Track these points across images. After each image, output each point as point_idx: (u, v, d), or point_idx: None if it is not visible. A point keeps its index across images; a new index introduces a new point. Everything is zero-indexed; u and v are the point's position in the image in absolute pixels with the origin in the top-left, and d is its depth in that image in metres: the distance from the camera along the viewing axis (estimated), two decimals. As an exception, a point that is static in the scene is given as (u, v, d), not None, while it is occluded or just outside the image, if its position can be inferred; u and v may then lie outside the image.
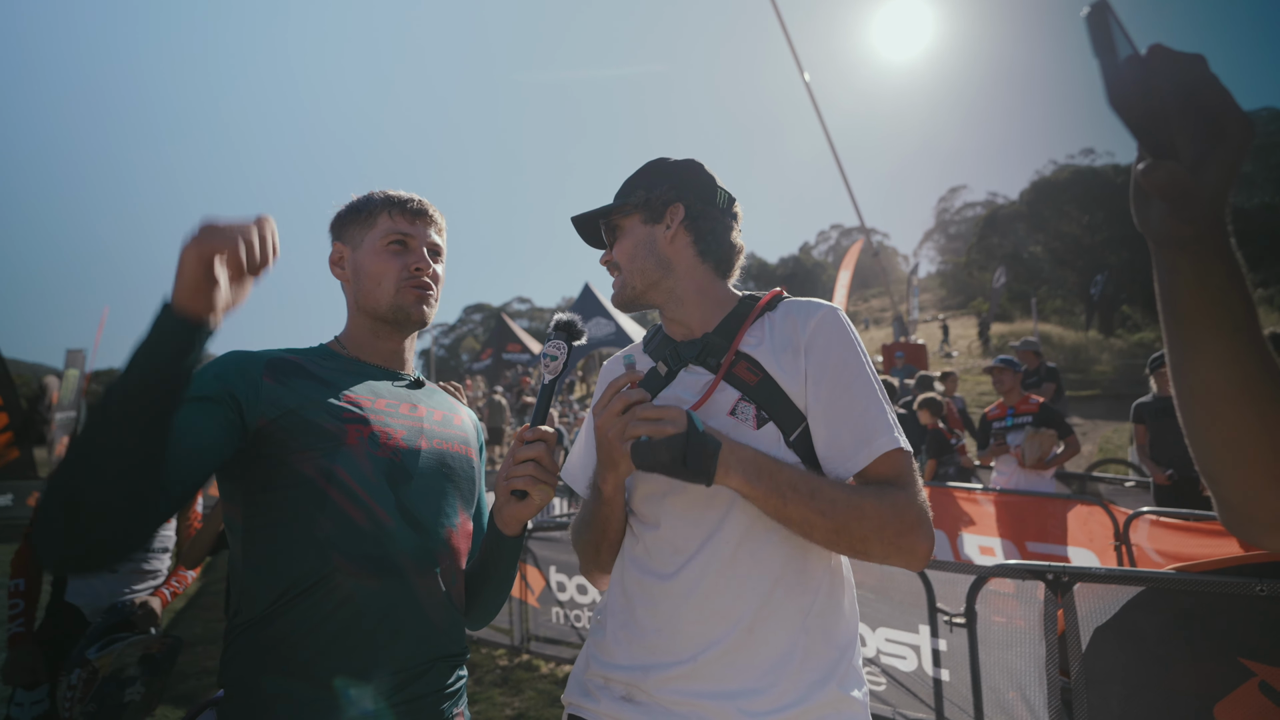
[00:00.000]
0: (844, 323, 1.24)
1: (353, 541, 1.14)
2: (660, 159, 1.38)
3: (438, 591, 1.22)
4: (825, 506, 1.09)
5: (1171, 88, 0.62)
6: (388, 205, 1.33)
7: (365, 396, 1.25)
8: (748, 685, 1.13)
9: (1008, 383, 5.69)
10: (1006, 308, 27.30)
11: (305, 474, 1.14)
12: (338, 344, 1.36)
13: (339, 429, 1.17)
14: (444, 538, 1.26)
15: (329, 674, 1.10)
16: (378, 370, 1.34)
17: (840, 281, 19.74)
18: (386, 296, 1.30)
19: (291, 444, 1.14)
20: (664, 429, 1.08)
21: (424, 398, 1.37)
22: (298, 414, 1.16)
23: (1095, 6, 0.61)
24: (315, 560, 1.12)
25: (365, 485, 1.17)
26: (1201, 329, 0.67)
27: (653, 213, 1.33)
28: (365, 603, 1.13)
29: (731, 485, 1.10)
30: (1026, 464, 5.33)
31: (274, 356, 1.23)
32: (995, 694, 2.76)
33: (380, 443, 1.20)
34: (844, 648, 1.19)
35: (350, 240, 1.35)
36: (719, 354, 1.27)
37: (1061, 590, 2.50)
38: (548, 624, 4.79)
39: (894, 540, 1.10)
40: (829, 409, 1.18)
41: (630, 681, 1.19)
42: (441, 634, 1.22)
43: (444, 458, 1.30)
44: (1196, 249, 0.65)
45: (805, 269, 64.19)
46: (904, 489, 1.14)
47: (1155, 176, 0.62)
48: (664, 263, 1.32)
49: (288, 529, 1.14)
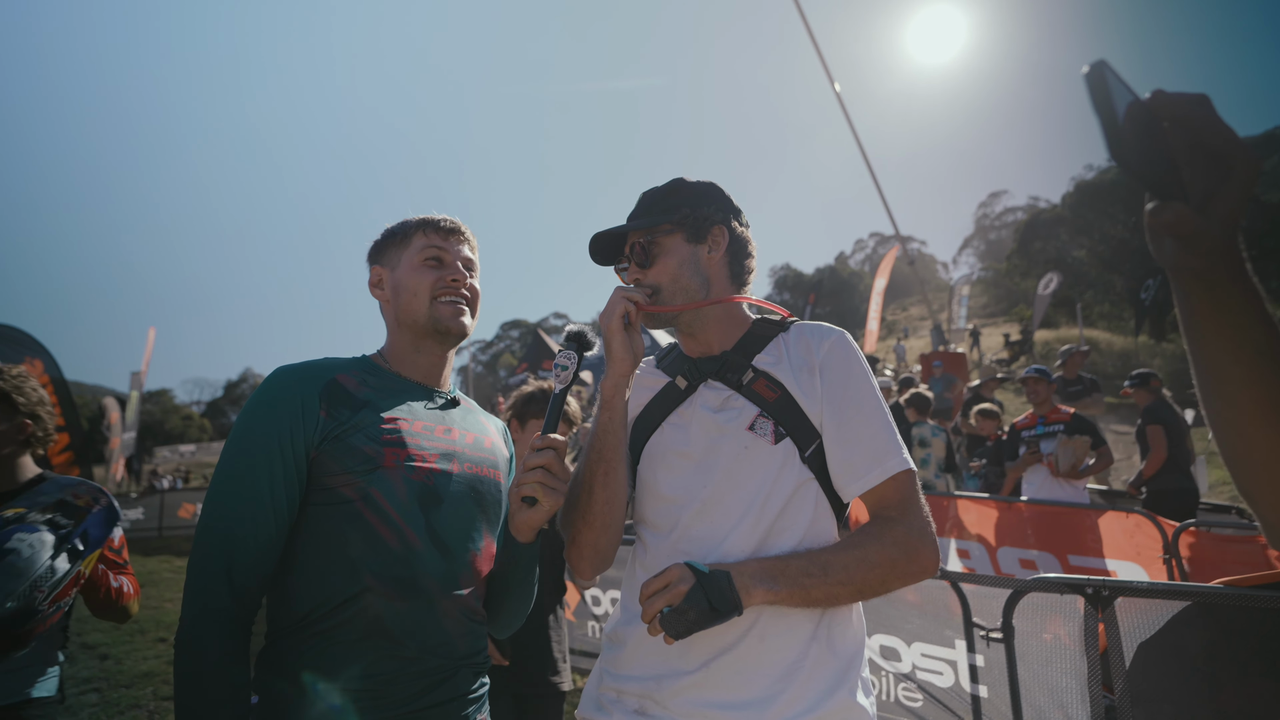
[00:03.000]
0: (854, 347, 1.32)
1: (383, 562, 1.18)
2: (681, 179, 1.40)
3: (461, 608, 1.26)
4: (841, 576, 1.16)
5: (1176, 130, 0.64)
6: (422, 225, 1.39)
7: (404, 418, 1.28)
8: (758, 694, 1.15)
9: (1041, 393, 5.57)
10: (1051, 314, 26.56)
11: (343, 494, 1.19)
12: (381, 358, 1.39)
13: (377, 452, 1.21)
14: (469, 561, 1.29)
15: (356, 683, 1.15)
16: (417, 388, 1.36)
17: (875, 290, 19.51)
18: (423, 308, 1.34)
19: (332, 467, 1.19)
20: (678, 590, 1.10)
21: (458, 419, 1.40)
22: (341, 439, 1.20)
23: (1094, 66, 0.64)
24: (348, 578, 1.17)
25: (398, 508, 1.20)
26: (1224, 354, 0.69)
27: (697, 232, 1.35)
28: (392, 620, 1.17)
29: (757, 602, 1.14)
30: (1060, 471, 5.19)
31: (328, 381, 1.26)
32: (1036, 711, 2.69)
33: (415, 466, 1.24)
34: (852, 657, 1.22)
35: (388, 262, 1.40)
36: (739, 370, 1.31)
37: (1102, 605, 2.43)
38: (583, 638, 4.81)
39: (905, 570, 1.18)
40: (843, 429, 1.24)
41: (643, 693, 1.21)
42: (464, 646, 1.26)
43: (474, 482, 1.33)
44: (1211, 277, 0.67)
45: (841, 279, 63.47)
46: (903, 515, 1.21)
47: (1163, 218, 0.64)
48: (705, 284, 1.35)
49: (324, 546, 1.18)
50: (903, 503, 1.22)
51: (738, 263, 1.39)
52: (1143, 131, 0.64)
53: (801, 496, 1.23)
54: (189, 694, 1.09)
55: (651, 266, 1.35)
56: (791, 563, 1.16)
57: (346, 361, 1.34)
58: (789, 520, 1.22)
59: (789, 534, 1.22)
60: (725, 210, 1.39)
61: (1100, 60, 0.64)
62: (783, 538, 1.21)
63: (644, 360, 1.51)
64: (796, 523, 1.22)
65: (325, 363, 1.30)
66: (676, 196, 1.37)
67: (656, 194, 1.40)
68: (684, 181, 1.40)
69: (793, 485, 1.23)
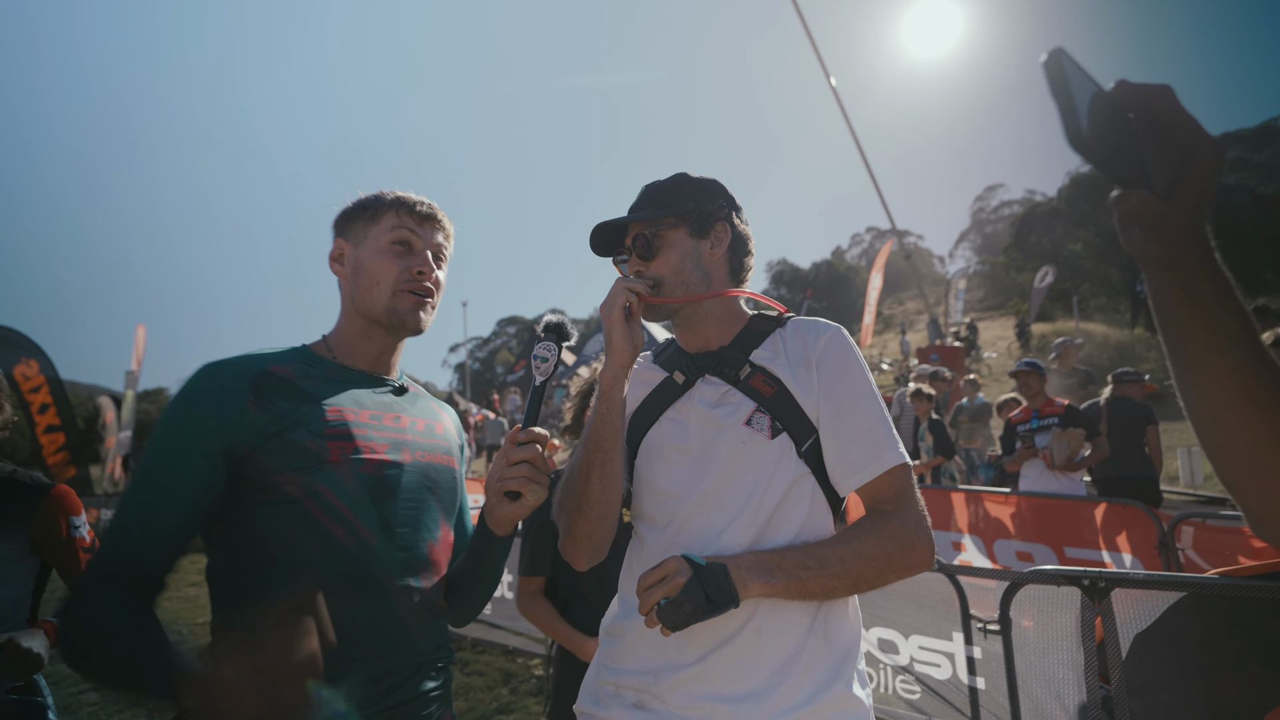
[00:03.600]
0: (850, 343, 1.32)
1: (337, 561, 1.14)
2: (684, 173, 1.40)
3: (419, 604, 1.22)
4: (837, 569, 1.16)
5: (1141, 121, 0.65)
6: (396, 205, 1.31)
7: (350, 408, 1.23)
8: (756, 686, 1.16)
9: (1034, 386, 5.58)
10: (1048, 307, 26.62)
11: (289, 493, 1.13)
12: (324, 345, 1.32)
13: (321, 447, 1.16)
14: (426, 553, 1.25)
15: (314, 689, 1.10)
16: (362, 376, 1.31)
17: (872, 284, 19.53)
18: (383, 298, 1.27)
19: (274, 465, 1.13)
20: (676, 582, 1.11)
21: (407, 406, 1.35)
22: (281, 437, 1.14)
23: (1051, 54, 0.63)
24: (298, 580, 1.08)
25: (349, 503, 1.16)
26: (1198, 343, 0.69)
27: (700, 227, 1.35)
28: (350, 621, 1.12)
29: (754, 594, 1.14)
30: (1055, 464, 5.21)
31: (257, 373, 1.19)
32: (1033, 702, 2.71)
33: (363, 458, 1.19)
34: (849, 650, 1.23)
35: (353, 236, 1.32)
36: (736, 366, 1.32)
37: (1099, 596, 2.45)
38: (582, 633, 4.82)
39: (901, 564, 1.19)
40: (839, 424, 1.25)
41: (641, 686, 1.22)
42: (424, 643, 1.23)
43: (427, 470, 1.29)
44: (1181, 267, 0.67)
45: (838, 273, 63.50)
46: (899, 509, 1.22)
47: (1127, 205, 0.65)
48: (707, 279, 1.35)
49: (271, 547, 1.13)
50: (898, 496, 1.23)
51: (737, 259, 1.40)
52: (1107, 122, 0.64)
53: (798, 490, 1.24)
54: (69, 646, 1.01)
55: (654, 259, 1.34)
56: (788, 556, 1.16)
57: (282, 353, 1.26)
58: (786, 514, 1.23)
59: (786, 528, 1.22)
60: (728, 207, 1.39)
61: (1058, 48, 0.63)
62: (780, 531, 1.22)
63: (641, 355, 1.51)
64: (793, 516, 1.23)
65: (256, 355, 1.23)
66: (681, 190, 1.37)
67: (660, 187, 1.39)
68: (688, 176, 1.40)
69: (789, 479, 1.23)
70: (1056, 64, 0.63)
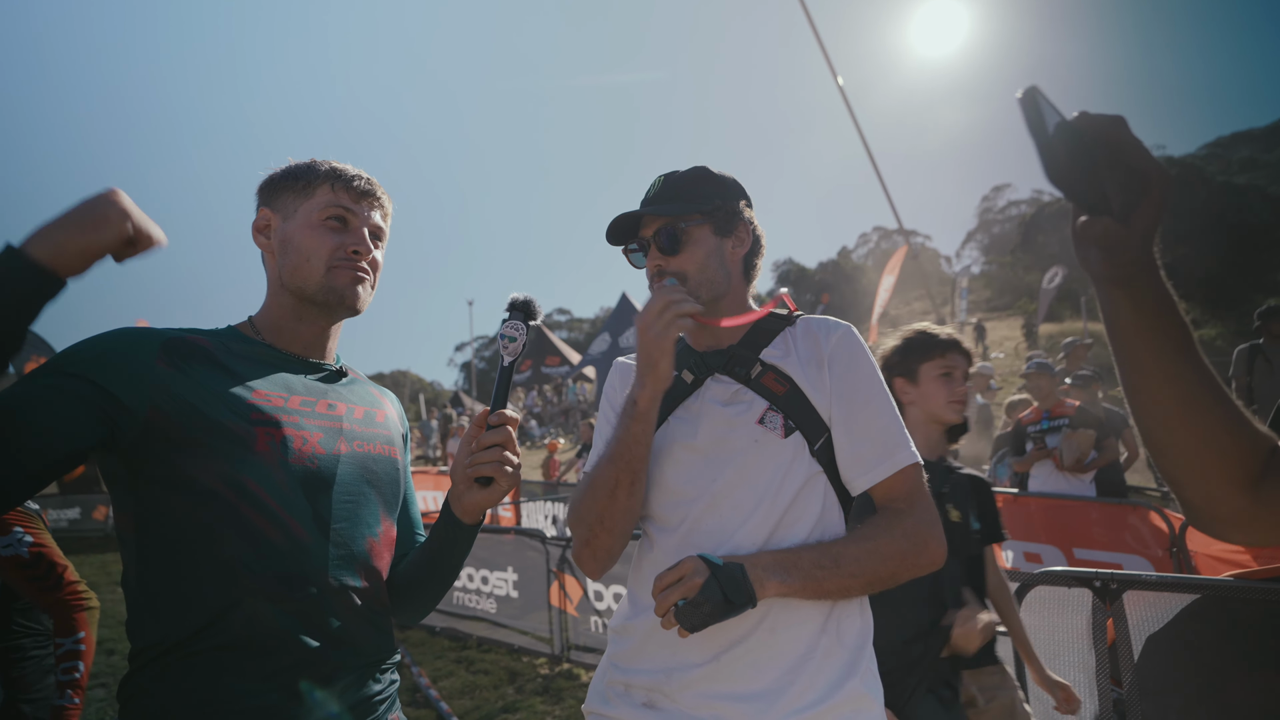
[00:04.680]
0: (861, 341, 1.32)
1: (265, 560, 1.05)
2: (704, 167, 1.37)
3: (359, 603, 1.14)
4: (853, 568, 1.16)
5: (1099, 148, 0.72)
6: (331, 177, 1.20)
7: (278, 393, 1.13)
8: (768, 685, 1.15)
9: (1045, 387, 5.55)
10: (1056, 308, 26.48)
11: (209, 485, 1.03)
12: (250, 326, 1.22)
13: (247, 432, 1.06)
14: (365, 549, 1.17)
15: (246, 703, 1.02)
16: (293, 360, 1.21)
17: (883, 286, 19.45)
18: (316, 275, 1.17)
19: (191, 446, 1.03)
20: (693, 583, 1.09)
21: (343, 392, 1.25)
22: (198, 410, 1.04)
23: (1026, 91, 0.69)
24: (224, 582, 1.03)
25: (278, 497, 1.06)
26: (1144, 353, 0.77)
27: (725, 226, 1.33)
28: (283, 624, 1.05)
29: (771, 594, 1.14)
30: (1065, 465, 5.17)
31: (173, 336, 1.10)
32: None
33: (294, 448, 1.09)
34: (859, 647, 1.23)
35: (282, 208, 1.21)
36: (746, 364, 1.30)
37: (1110, 598, 2.43)
38: (587, 633, 4.82)
39: (915, 562, 1.19)
40: (852, 423, 1.25)
41: (652, 685, 1.21)
42: (367, 644, 1.16)
43: (365, 461, 1.20)
44: (1132, 284, 0.74)
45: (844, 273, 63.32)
46: (911, 507, 1.22)
47: (1091, 230, 0.73)
48: (727, 278, 1.34)
49: (190, 547, 1.03)
50: (910, 495, 1.24)
51: (751, 259, 1.39)
52: (1070, 149, 0.70)
53: (811, 489, 1.24)
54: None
55: (678, 254, 1.31)
56: (804, 555, 1.16)
57: (207, 331, 1.18)
58: (799, 513, 1.22)
59: (799, 527, 1.22)
60: (747, 207, 1.38)
61: (1032, 86, 0.69)
62: (793, 530, 1.21)
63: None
64: (806, 515, 1.23)
65: (178, 329, 1.14)
66: (705, 186, 1.34)
67: (682, 180, 1.35)
68: (710, 172, 1.37)
69: (803, 478, 1.23)
70: (1032, 101, 0.69)
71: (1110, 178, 0.72)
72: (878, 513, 1.24)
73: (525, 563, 5.23)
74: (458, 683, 4.60)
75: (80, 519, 12.58)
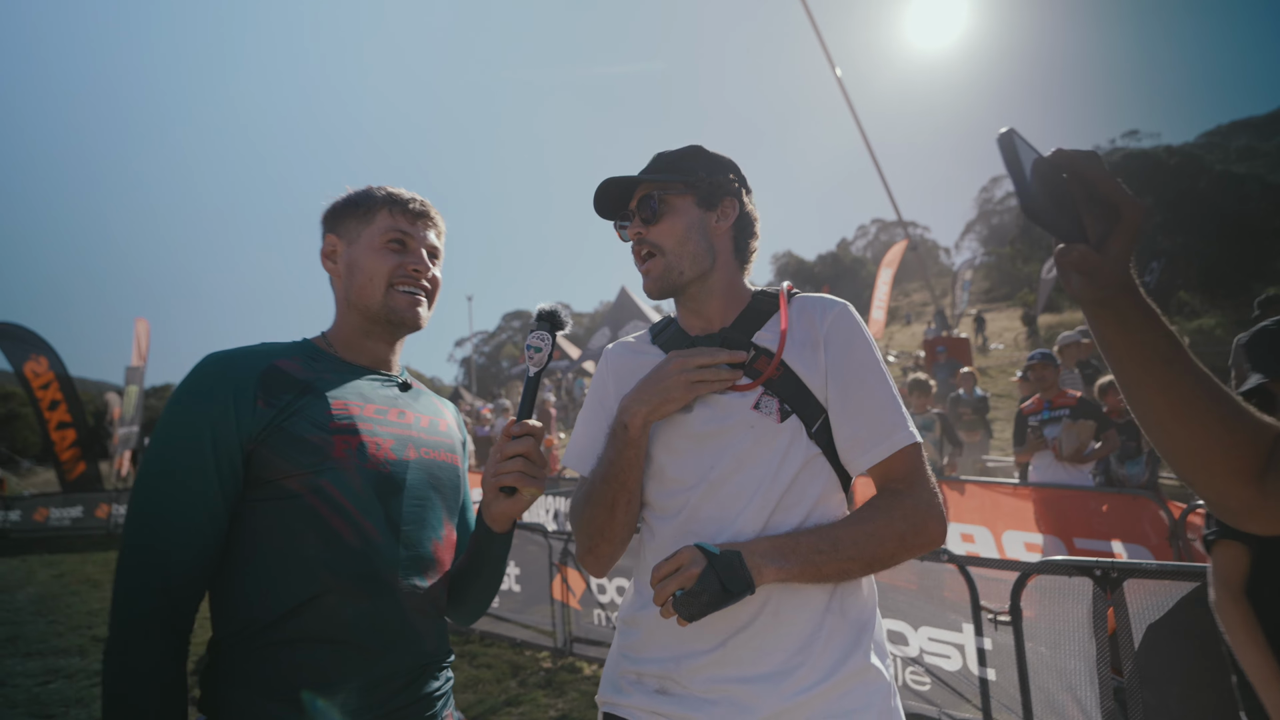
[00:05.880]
0: (857, 319, 1.29)
1: (342, 560, 1.11)
2: (699, 145, 1.36)
3: (424, 604, 1.20)
4: (851, 551, 1.15)
5: (1074, 181, 0.77)
6: (389, 203, 1.29)
7: (354, 402, 1.21)
8: (776, 667, 1.16)
9: (1048, 378, 5.54)
10: (1055, 298, 26.45)
11: (292, 489, 1.10)
12: (324, 341, 1.31)
13: (325, 441, 1.13)
14: (432, 552, 1.23)
15: (312, 690, 1.07)
16: (365, 372, 1.29)
17: (881, 279, 19.42)
18: (378, 294, 1.26)
19: (276, 460, 1.10)
20: (690, 572, 1.10)
21: (411, 402, 1.33)
22: (283, 429, 1.11)
23: (1004, 134, 0.74)
24: (304, 579, 1.09)
25: (354, 500, 1.13)
26: (1135, 365, 0.81)
27: (709, 199, 1.31)
28: (354, 621, 1.11)
29: (769, 580, 1.13)
30: (1063, 455, 5.16)
31: (265, 369, 1.16)
32: (1044, 693, 2.70)
33: (369, 454, 1.16)
34: (864, 624, 1.23)
35: (346, 234, 1.30)
36: (740, 349, 1.29)
37: (1110, 587, 2.43)
38: (590, 626, 4.83)
39: (914, 543, 1.18)
40: (848, 403, 1.23)
41: (663, 674, 1.22)
42: (427, 643, 1.21)
43: (431, 468, 1.27)
44: (1114, 304, 0.79)
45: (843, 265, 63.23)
46: (910, 488, 1.21)
47: (1070, 258, 0.78)
48: (711, 253, 1.32)
49: (274, 545, 1.10)
50: (909, 475, 1.22)
51: (743, 238, 1.36)
52: (1046, 186, 0.76)
53: (809, 472, 1.22)
54: (119, 708, 1.00)
55: (657, 224, 1.30)
56: (802, 540, 1.15)
57: (285, 346, 1.24)
58: (796, 497, 1.21)
59: (796, 510, 1.21)
60: (739, 184, 1.36)
61: (1010, 129, 0.75)
62: (790, 514, 1.21)
63: (636, 335, 1.48)
64: (804, 499, 1.22)
65: (261, 348, 1.21)
66: (693, 160, 1.34)
67: (672, 155, 1.35)
68: (701, 149, 1.36)
69: (801, 462, 1.22)
70: (1009, 142, 0.74)
71: (1086, 209, 0.78)
72: (877, 494, 1.24)
73: (527, 557, 5.24)
74: (460, 677, 4.61)
75: (83, 517, 12.58)
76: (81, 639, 5.86)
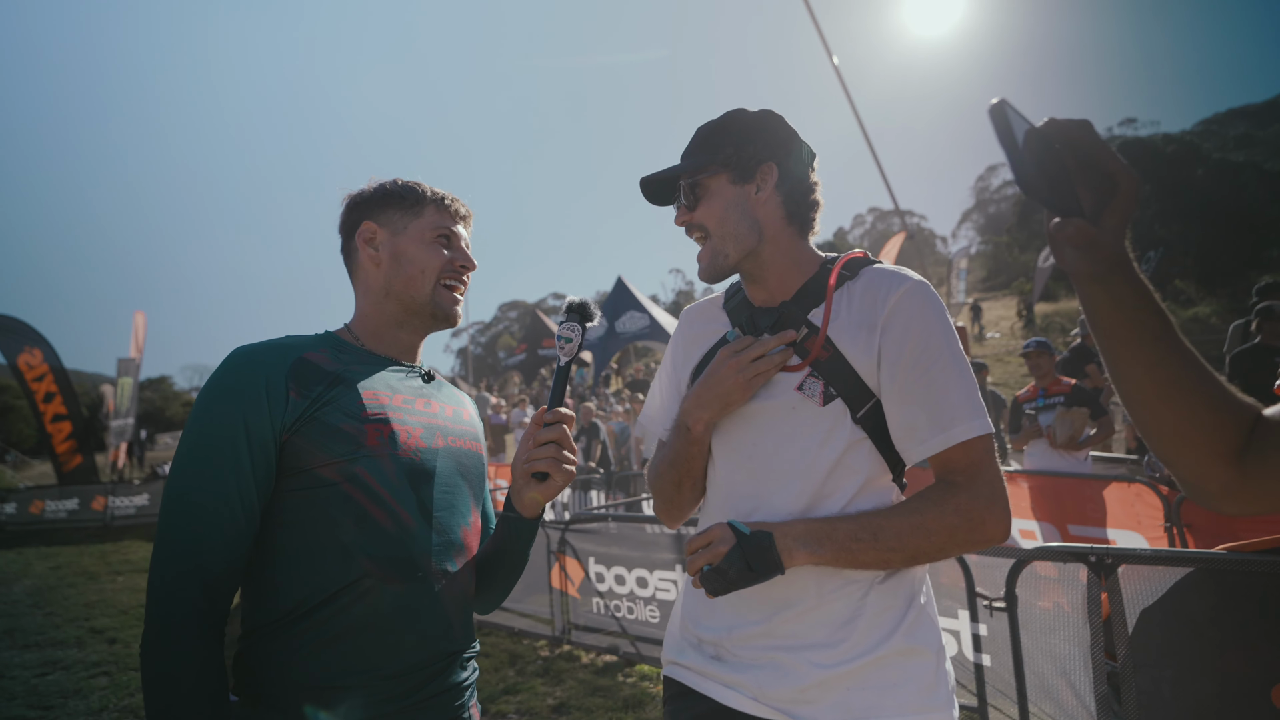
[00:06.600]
0: (928, 300, 1.20)
1: (378, 544, 1.13)
2: (739, 110, 1.32)
3: (455, 590, 1.22)
4: (893, 542, 1.12)
5: (1068, 152, 0.75)
6: (436, 200, 1.33)
7: (384, 392, 1.23)
8: (819, 640, 1.17)
9: (1044, 366, 5.55)
10: (1052, 287, 26.47)
11: (327, 478, 1.12)
12: (349, 333, 1.32)
13: (358, 430, 1.15)
14: (461, 537, 1.26)
15: (351, 677, 1.09)
16: (391, 363, 1.31)
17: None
18: (427, 288, 1.29)
19: (311, 450, 1.12)
20: (718, 550, 1.11)
21: (435, 393, 1.35)
22: (317, 420, 1.13)
23: (995, 104, 0.72)
24: (342, 564, 1.11)
25: (389, 487, 1.15)
26: (1126, 342, 0.80)
27: (743, 172, 1.27)
28: (390, 605, 1.12)
29: (800, 563, 1.13)
30: (1057, 443, 5.18)
31: (294, 361, 1.17)
32: (1039, 679, 2.72)
33: (401, 442, 1.19)
34: (910, 598, 1.21)
35: (389, 224, 1.31)
36: (794, 326, 1.26)
37: (1105, 572, 2.44)
38: (588, 614, 4.85)
39: (966, 539, 1.14)
40: (903, 391, 1.17)
41: (717, 641, 1.25)
42: (457, 631, 1.22)
43: (459, 455, 1.29)
44: (1107, 279, 0.78)
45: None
46: (969, 481, 1.15)
47: (1065, 232, 0.76)
48: (756, 227, 1.27)
49: (312, 532, 1.12)
50: (971, 468, 1.15)
51: (794, 202, 1.29)
52: (1039, 157, 0.73)
53: (853, 457, 1.19)
54: (163, 703, 1.00)
55: (696, 209, 1.30)
56: (840, 526, 1.13)
57: (311, 339, 1.25)
58: (838, 482, 1.19)
59: (838, 496, 1.19)
60: (775, 145, 1.29)
61: (1001, 99, 0.73)
62: (832, 500, 1.19)
63: (711, 299, 1.47)
64: (846, 485, 1.19)
65: (288, 340, 1.22)
66: (726, 133, 1.30)
67: (709, 130, 1.32)
68: (738, 114, 1.31)
69: (842, 447, 1.18)
70: (1001, 113, 0.72)
71: (1080, 180, 0.76)
72: (933, 484, 1.19)
73: (524, 546, 5.25)
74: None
75: (79, 509, 12.57)
76: (79, 631, 5.87)
